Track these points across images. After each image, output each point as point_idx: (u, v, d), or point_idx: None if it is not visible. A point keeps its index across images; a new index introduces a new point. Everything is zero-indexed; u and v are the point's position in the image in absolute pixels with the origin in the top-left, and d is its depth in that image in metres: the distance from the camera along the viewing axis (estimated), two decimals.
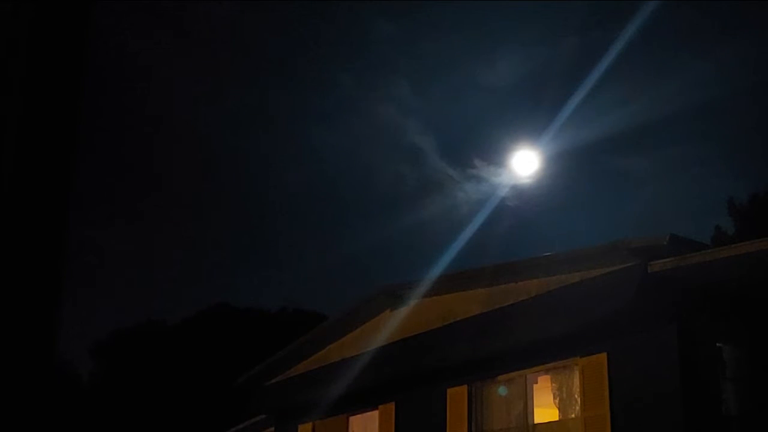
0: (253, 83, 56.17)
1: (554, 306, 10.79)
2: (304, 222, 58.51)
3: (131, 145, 50.93)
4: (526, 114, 55.78)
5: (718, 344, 9.85)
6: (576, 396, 10.81)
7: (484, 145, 68.37)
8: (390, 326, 14.01)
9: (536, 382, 11.82)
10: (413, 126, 56.66)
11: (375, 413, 14.58)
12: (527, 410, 11.60)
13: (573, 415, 10.85)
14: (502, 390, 12.08)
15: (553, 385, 11.35)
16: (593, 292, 10.20)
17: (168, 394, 32.63)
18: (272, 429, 17.91)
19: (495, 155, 45.93)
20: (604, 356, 10.33)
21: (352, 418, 15.47)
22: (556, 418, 11.36)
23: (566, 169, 49.20)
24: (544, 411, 12.01)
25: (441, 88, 54.06)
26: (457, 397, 12.57)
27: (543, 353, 11.20)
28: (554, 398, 11.32)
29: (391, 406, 14.03)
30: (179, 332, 35.60)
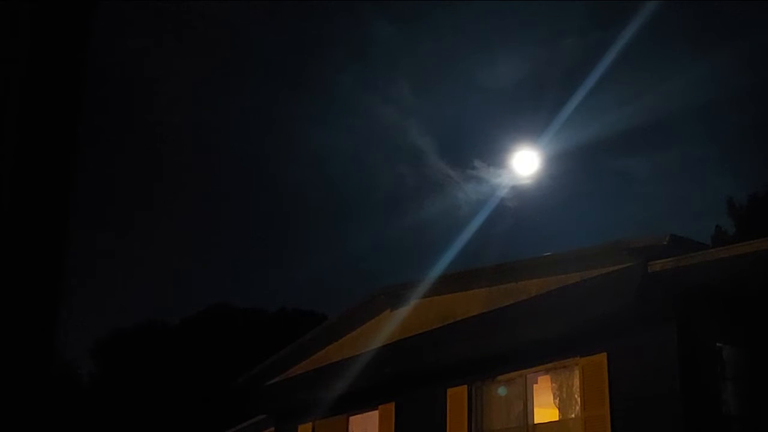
0: (253, 84, 56.17)
1: (554, 306, 10.78)
2: (304, 222, 58.52)
3: (132, 146, 50.96)
4: (526, 114, 55.83)
5: (718, 344, 9.85)
6: (576, 396, 10.80)
7: (484, 146, 68.44)
8: (390, 326, 14.00)
9: (536, 382, 11.82)
10: (413, 127, 56.67)
11: (375, 413, 14.57)
12: (527, 410, 11.59)
13: (573, 415, 10.84)
14: (502, 390, 12.07)
15: (553, 385, 11.35)
16: (593, 292, 10.19)
17: (168, 394, 32.62)
18: (272, 429, 17.91)
19: (495, 156, 46.00)
20: (604, 356, 10.33)
21: (352, 418, 15.47)
22: (556, 418, 11.36)
23: (566, 169, 49.25)
24: (544, 411, 12.01)
25: (441, 89, 54.08)
26: (457, 397, 12.56)
27: (543, 353, 11.20)
28: (554, 398, 11.32)
29: (391, 406, 14.03)
30: (179, 332, 35.60)
